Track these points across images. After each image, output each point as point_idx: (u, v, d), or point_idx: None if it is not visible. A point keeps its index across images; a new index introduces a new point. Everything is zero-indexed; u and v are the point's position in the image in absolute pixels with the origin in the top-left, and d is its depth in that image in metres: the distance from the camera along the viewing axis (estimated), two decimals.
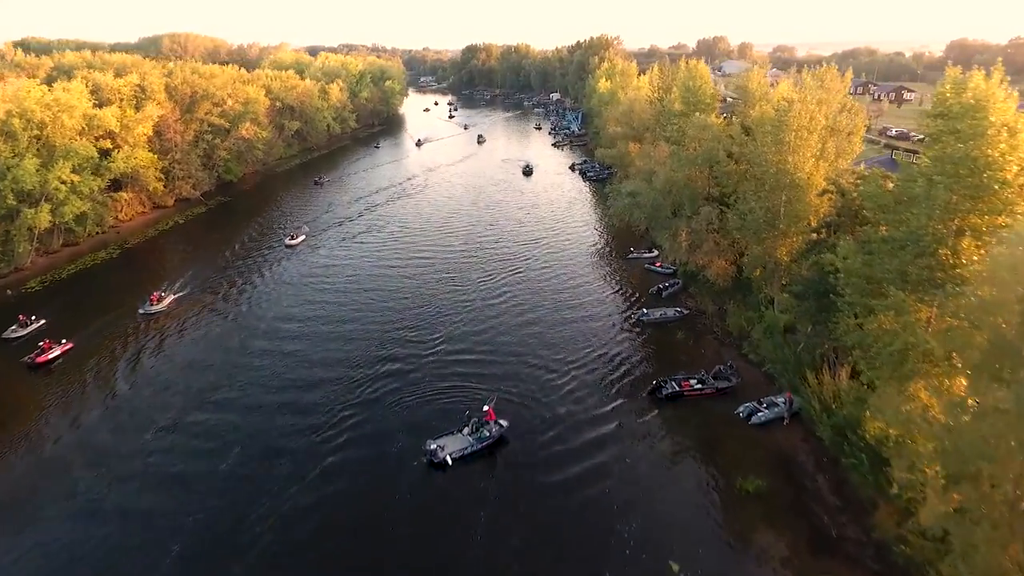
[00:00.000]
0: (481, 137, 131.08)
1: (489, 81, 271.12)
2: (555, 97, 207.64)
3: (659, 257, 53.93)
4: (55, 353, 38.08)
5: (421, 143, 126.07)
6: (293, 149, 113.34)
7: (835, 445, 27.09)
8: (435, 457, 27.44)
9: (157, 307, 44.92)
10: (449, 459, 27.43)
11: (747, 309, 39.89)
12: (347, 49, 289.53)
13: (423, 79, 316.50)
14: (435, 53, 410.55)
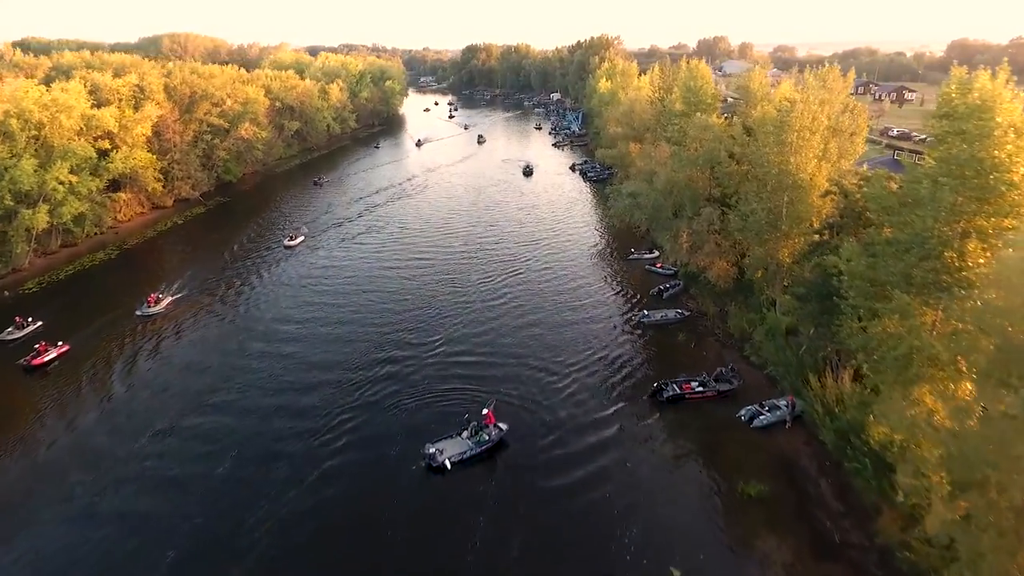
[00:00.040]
0: (481, 137, 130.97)
1: (489, 81, 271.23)
2: (555, 97, 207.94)
3: (660, 258, 53.70)
4: (51, 355, 37.84)
5: (421, 143, 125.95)
6: (293, 149, 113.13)
7: (838, 449, 26.90)
8: (434, 461, 27.22)
9: (155, 309, 44.70)
10: (448, 463, 27.20)
11: (749, 311, 39.67)
12: (347, 49, 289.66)
13: (423, 79, 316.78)
14: (435, 53, 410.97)
